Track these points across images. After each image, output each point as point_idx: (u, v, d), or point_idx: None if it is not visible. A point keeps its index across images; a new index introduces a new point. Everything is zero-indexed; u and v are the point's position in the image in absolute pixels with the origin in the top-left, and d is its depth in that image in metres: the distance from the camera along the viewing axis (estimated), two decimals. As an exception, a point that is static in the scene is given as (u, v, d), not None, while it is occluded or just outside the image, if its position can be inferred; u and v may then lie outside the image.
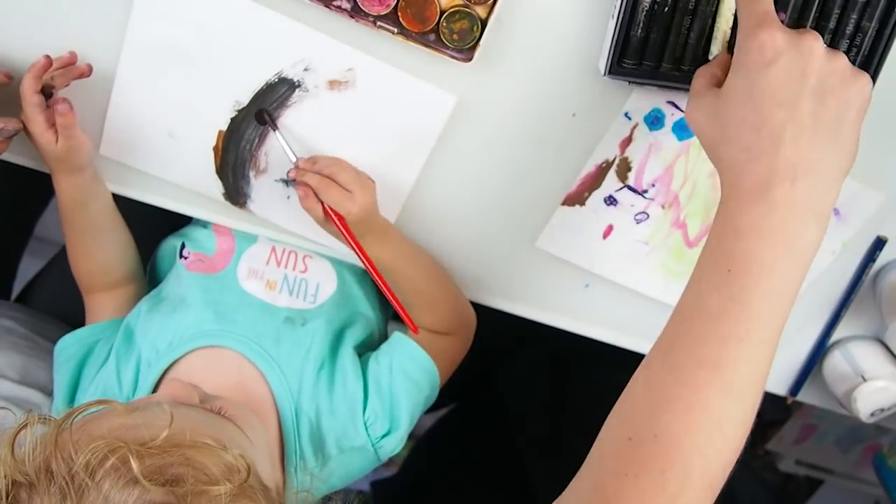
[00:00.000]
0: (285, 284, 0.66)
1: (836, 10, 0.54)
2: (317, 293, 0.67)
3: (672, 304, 0.72)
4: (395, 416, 0.61)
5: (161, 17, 0.59)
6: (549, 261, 0.71)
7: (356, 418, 0.60)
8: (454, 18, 0.56)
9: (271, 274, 0.66)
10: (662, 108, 0.61)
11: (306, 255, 0.70)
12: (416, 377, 0.63)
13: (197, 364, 0.59)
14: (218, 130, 0.65)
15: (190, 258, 0.68)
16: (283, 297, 0.65)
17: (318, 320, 0.64)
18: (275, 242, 0.69)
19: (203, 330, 0.61)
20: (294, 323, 0.63)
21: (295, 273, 0.67)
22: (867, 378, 0.70)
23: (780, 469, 1.51)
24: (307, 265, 0.68)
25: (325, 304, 0.67)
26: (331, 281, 0.69)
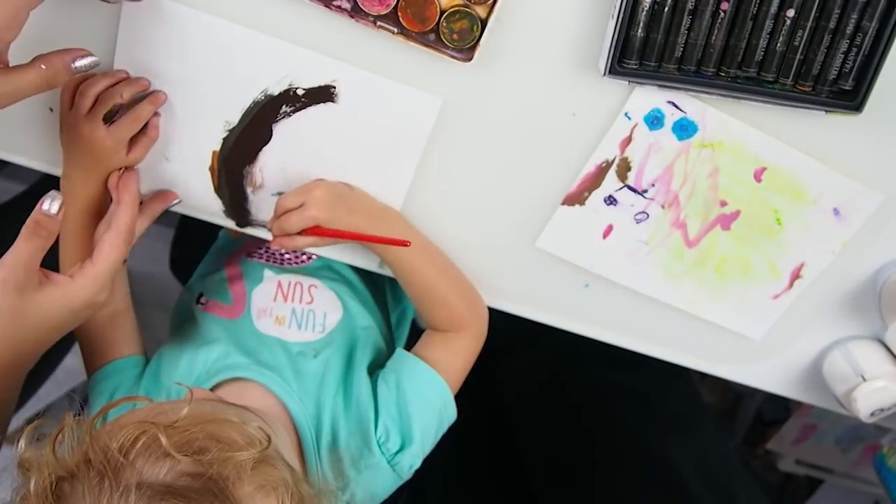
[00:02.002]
0: (293, 318, 0.68)
1: (836, 10, 0.54)
2: (324, 322, 0.69)
3: (672, 304, 0.73)
4: (406, 432, 0.63)
5: (145, 44, 0.60)
6: (549, 261, 0.71)
7: (369, 437, 0.62)
8: (454, 18, 0.56)
9: (279, 310, 0.69)
10: (662, 108, 0.61)
11: (311, 284, 0.72)
12: (423, 391, 0.65)
13: (224, 395, 0.61)
14: (212, 151, 0.66)
15: (208, 305, 0.71)
16: (294, 332, 0.68)
17: (328, 350, 0.67)
18: (280, 276, 0.71)
19: (229, 363, 0.64)
20: (306, 356, 0.66)
21: (302, 305, 0.69)
22: (867, 378, 0.70)
23: (780, 469, 1.51)
24: (312, 296, 0.71)
25: (333, 331, 0.69)
26: (336, 309, 0.71)
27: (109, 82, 0.60)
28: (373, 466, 0.62)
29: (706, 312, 0.73)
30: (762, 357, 0.77)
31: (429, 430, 0.64)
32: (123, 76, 0.61)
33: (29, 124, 0.66)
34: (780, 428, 1.41)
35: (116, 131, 0.60)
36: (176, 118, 0.64)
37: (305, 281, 0.72)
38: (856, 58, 0.56)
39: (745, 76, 0.58)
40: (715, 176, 0.65)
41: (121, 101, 0.60)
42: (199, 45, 0.60)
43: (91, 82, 0.59)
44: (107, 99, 0.59)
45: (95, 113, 0.59)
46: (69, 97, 0.60)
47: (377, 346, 0.71)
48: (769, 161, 0.63)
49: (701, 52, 0.57)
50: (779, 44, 0.56)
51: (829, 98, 0.58)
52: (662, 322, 0.74)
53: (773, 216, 0.66)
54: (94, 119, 0.59)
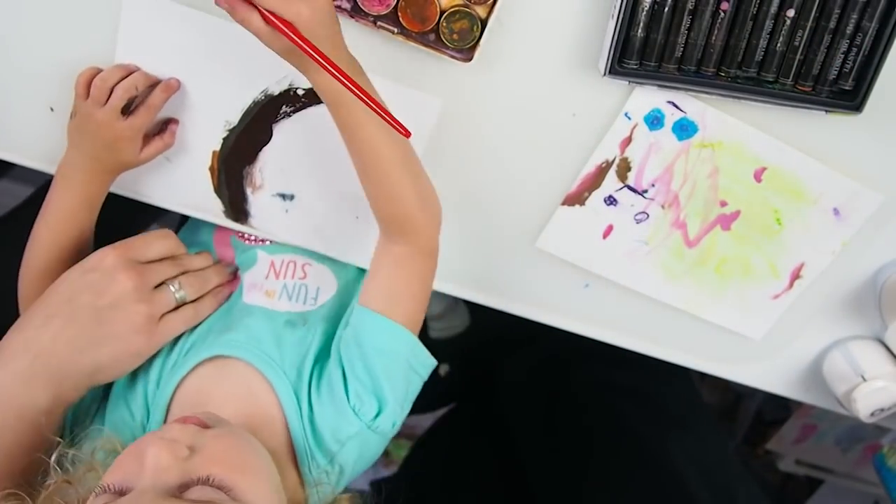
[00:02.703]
0: (284, 291, 0.65)
1: (836, 10, 0.54)
2: (317, 296, 0.66)
3: (672, 304, 0.73)
4: (379, 393, 0.58)
5: (146, 45, 0.60)
6: (549, 261, 0.71)
7: (343, 407, 0.58)
8: (454, 18, 0.56)
9: (270, 285, 0.66)
10: (662, 108, 0.61)
11: (305, 262, 0.69)
12: (387, 346, 0.59)
13: (204, 376, 0.59)
14: (212, 151, 0.66)
15: None
16: (283, 303, 0.65)
17: (317, 321, 0.64)
18: (273, 256, 0.68)
19: (209, 342, 0.60)
20: (295, 325, 0.63)
21: (294, 280, 0.66)
22: (867, 378, 0.70)
23: (780, 469, 1.51)
24: (306, 272, 0.68)
25: (325, 304, 0.66)
26: (331, 285, 0.68)
27: (123, 74, 0.59)
28: (355, 436, 0.58)
29: (706, 312, 0.73)
30: (762, 357, 0.77)
31: (401, 384, 0.59)
32: (135, 68, 0.61)
33: (29, 124, 0.66)
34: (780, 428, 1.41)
35: (133, 120, 0.60)
36: (175, 117, 0.64)
37: (300, 260, 0.69)
38: (856, 58, 0.56)
39: (745, 76, 0.58)
40: (715, 176, 0.65)
41: (135, 93, 0.59)
42: (199, 45, 0.60)
43: (106, 74, 0.59)
44: (121, 91, 0.59)
45: (113, 104, 0.58)
46: (84, 89, 0.59)
47: None
48: (769, 161, 0.63)
49: (701, 52, 0.57)
50: (779, 44, 0.56)
51: (829, 98, 0.58)
52: (662, 322, 0.74)
53: (773, 216, 0.66)
54: (112, 109, 0.59)
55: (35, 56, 0.62)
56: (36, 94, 0.64)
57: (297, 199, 0.68)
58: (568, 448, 0.91)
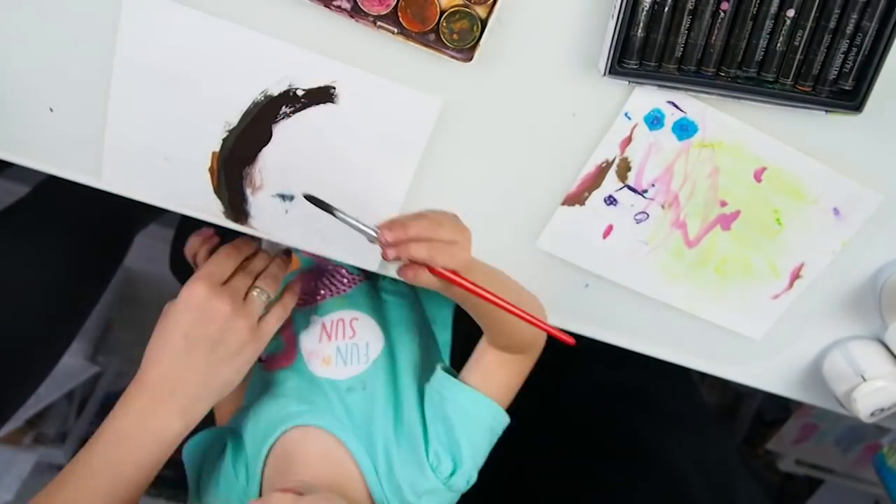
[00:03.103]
0: (338, 356, 0.71)
1: (836, 10, 0.54)
2: (368, 353, 0.71)
3: (672, 304, 0.73)
4: (456, 455, 0.65)
5: (145, 45, 0.60)
6: (549, 261, 0.71)
7: (422, 463, 0.64)
8: (454, 18, 0.56)
9: (325, 350, 0.72)
10: (662, 108, 0.61)
11: (353, 317, 0.74)
12: (473, 416, 0.66)
13: (289, 445, 0.66)
14: (211, 152, 0.66)
15: (267, 361, 0.75)
16: (341, 369, 0.70)
17: (374, 381, 0.69)
18: (323, 318, 0.75)
19: (289, 412, 0.68)
20: (355, 390, 0.69)
21: (345, 341, 0.72)
22: (867, 378, 0.70)
23: (780, 469, 1.51)
24: (354, 329, 0.73)
25: (377, 360, 0.71)
26: (378, 337, 0.73)
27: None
28: (431, 491, 0.65)
29: (706, 312, 0.73)
30: (762, 357, 0.77)
31: (480, 446, 0.66)
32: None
33: (29, 124, 0.66)
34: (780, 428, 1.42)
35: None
36: (175, 118, 0.64)
37: (347, 315, 0.74)
38: (856, 58, 0.56)
39: (745, 76, 0.58)
40: (715, 176, 0.65)
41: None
42: (199, 45, 0.60)
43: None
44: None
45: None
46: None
47: (422, 358, 0.72)
48: (769, 161, 0.63)
49: (701, 52, 0.57)
50: (779, 44, 0.56)
51: (829, 98, 0.58)
52: (662, 322, 0.74)
53: (773, 216, 0.66)
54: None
55: (34, 56, 0.62)
56: (35, 94, 0.64)
57: (296, 200, 0.68)
58: (567, 448, 0.91)
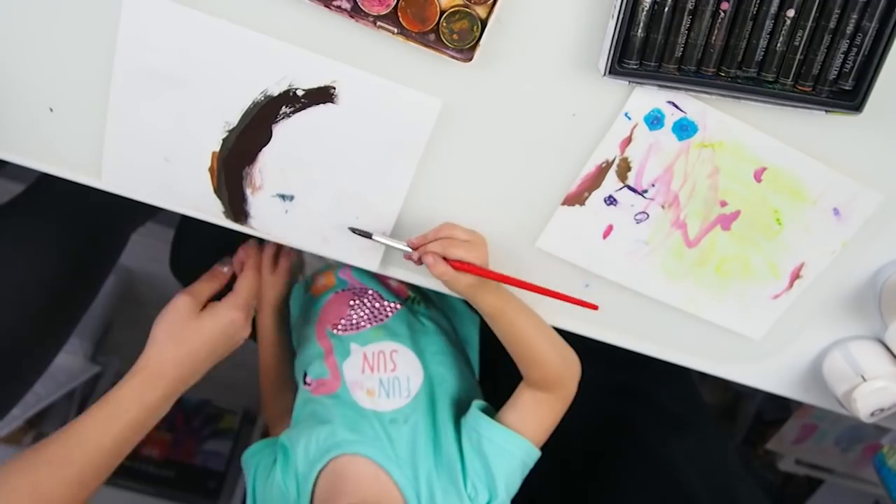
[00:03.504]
0: (382, 389, 0.75)
1: (836, 10, 0.54)
2: (409, 386, 0.76)
3: (672, 304, 0.73)
4: (492, 487, 0.69)
5: (145, 46, 0.60)
6: (549, 261, 0.71)
7: (461, 494, 0.69)
8: (454, 18, 0.56)
9: (369, 382, 0.76)
10: (662, 108, 0.61)
11: (393, 350, 0.78)
12: (505, 450, 0.70)
13: (339, 469, 0.70)
14: (211, 152, 0.66)
15: (313, 385, 0.79)
16: (384, 401, 0.74)
17: (415, 414, 0.73)
18: (364, 348, 0.79)
19: (337, 440, 0.71)
20: (398, 423, 0.73)
21: (387, 374, 0.76)
22: (867, 378, 0.70)
23: (780, 469, 1.51)
24: (395, 362, 0.77)
25: (418, 394, 0.75)
26: (417, 371, 0.77)
27: None
28: None
29: (706, 312, 0.73)
30: (762, 357, 0.77)
31: (514, 479, 0.71)
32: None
33: (29, 124, 0.66)
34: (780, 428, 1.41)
35: None
36: (175, 118, 0.64)
37: (387, 347, 0.78)
38: (856, 58, 0.56)
39: (745, 76, 0.58)
40: (715, 176, 0.65)
41: None
42: (199, 45, 0.60)
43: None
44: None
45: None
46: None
47: (457, 391, 0.77)
48: (769, 161, 0.63)
49: (701, 52, 0.57)
50: (779, 44, 0.56)
51: (829, 98, 0.58)
52: (662, 322, 0.74)
53: (773, 216, 0.66)
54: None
55: (34, 56, 0.62)
56: (35, 94, 0.64)
57: (296, 200, 0.68)
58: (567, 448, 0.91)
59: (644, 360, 0.78)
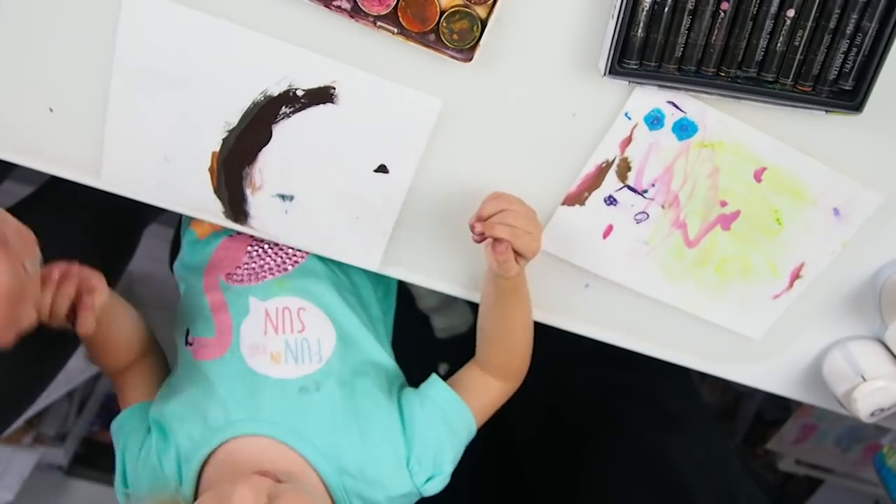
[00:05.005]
0: (288, 352, 0.66)
1: (836, 10, 0.54)
2: (320, 350, 0.67)
3: (672, 304, 0.73)
4: (438, 463, 0.65)
5: (145, 46, 0.60)
6: (549, 261, 0.71)
7: (401, 469, 0.63)
8: (454, 18, 0.56)
9: (273, 345, 0.66)
10: (662, 108, 0.61)
11: (300, 307, 0.68)
12: (456, 424, 0.67)
13: (234, 452, 0.62)
14: (211, 152, 0.66)
15: (195, 345, 0.68)
16: (291, 368, 0.65)
17: (329, 381, 0.65)
18: (265, 303, 0.68)
19: (231, 419, 0.62)
20: (308, 391, 0.64)
21: (294, 335, 0.67)
22: (867, 378, 0.70)
23: (780, 469, 1.51)
24: (303, 322, 0.68)
25: (330, 358, 0.67)
26: (329, 332, 0.68)
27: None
28: (404, 495, 0.64)
29: (706, 312, 0.73)
30: (762, 357, 0.77)
31: (457, 458, 0.67)
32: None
33: (29, 124, 0.66)
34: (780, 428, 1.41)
35: None
36: (175, 118, 0.64)
37: (293, 304, 0.69)
38: (856, 58, 0.56)
39: (745, 76, 0.58)
40: (715, 176, 0.65)
41: None
42: (198, 45, 0.60)
43: None
44: None
45: None
46: None
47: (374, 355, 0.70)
48: (769, 161, 0.63)
49: (701, 53, 0.57)
50: (779, 44, 0.56)
51: (829, 98, 0.58)
52: (662, 322, 0.74)
53: (773, 216, 0.66)
54: None
55: (34, 56, 0.62)
56: (35, 94, 0.64)
57: (296, 200, 0.68)
58: (567, 448, 0.91)
59: (644, 360, 0.78)
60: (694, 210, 0.67)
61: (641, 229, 0.68)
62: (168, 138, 0.65)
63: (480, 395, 0.70)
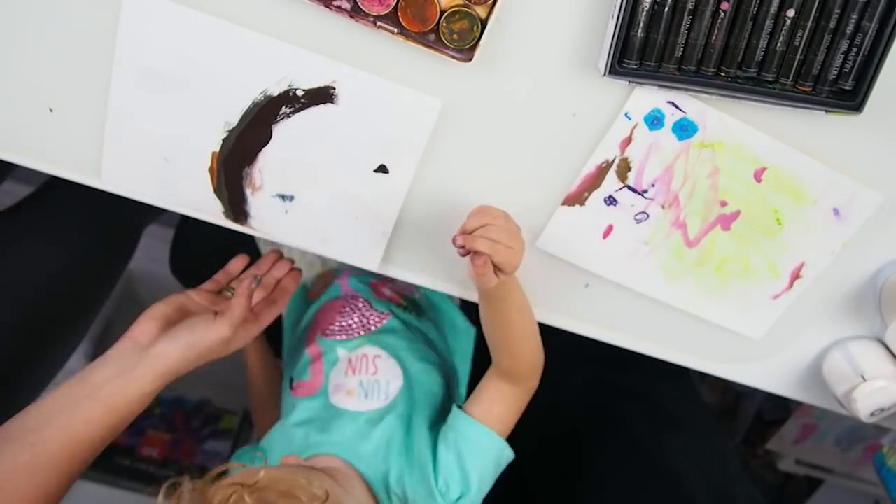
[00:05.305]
0: (361, 390, 0.78)
1: (836, 10, 0.54)
2: (388, 390, 0.78)
3: (672, 304, 0.73)
4: (465, 484, 0.71)
5: (145, 46, 0.60)
6: (549, 261, 0.71)
7: (431, 490, 0.71)
8: (454, 18, 0.56)
9: (350, 384, 0.78)
10: (662, 108, 0.61)
11: (375, 355, 0.80)
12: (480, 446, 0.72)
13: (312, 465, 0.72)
14: (211, 152, 0.66)
15: (295, 389, 0.82)
16: (361, 402, 0.77)
17: (390, 416, 0.75)
18: (350, 354, 0.81)
19: (311, 442, 0.75)
20: (373, 423, 0.75)
21: (368, 377, 0.79)
22: (867, 378, 0.70)
23: (780, 469, 1.51)
24: (377, 366, 0.80)
25: (396, 398, 0.77)
26: (397, 376, 0.79)
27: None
28: None
29: (706, 312, 0.73)
30: (762, 357, 0.77)
31: (487, 474, 0.73)
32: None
33: (29, 124, 0.66)
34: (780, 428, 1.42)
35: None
36: (175, 118, 0.64)
37: (371, 352, 0.81)
38: (856, 58, 0.56)
39: (745, 76, 0.58)
40: (715, 176, 0.65)
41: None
42: (199, 45, 0.60)
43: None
44: None
45: None
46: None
47: (435, 398, 0.80)
48: (769, 161, 0.63)
49: (701, 53, 0.57)
50: (779, 44, 0.56)
51: (829, 98, 0.58)
52: (662, 322, 0.74)
53: (773, 216, 0.66)
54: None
55: (34, 56, 0.62)
56: (35, 94, 0.64)
57: (296, 200, 0.68)
58: (567, 448, 0.91)
59: (644, 360, 0.78)
60: (694, 210, 0.67)
61: (641, 229, 0.68)
62: (168, 138, 0.65)
63: (497, 402, 0.74)
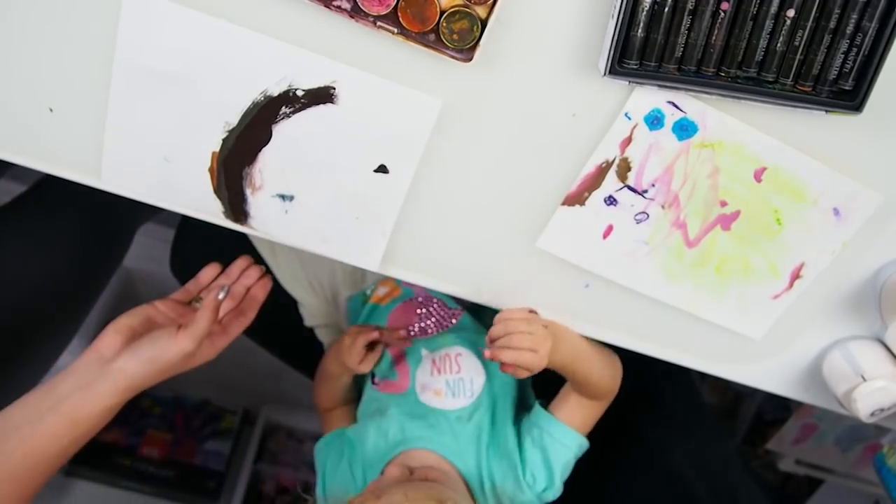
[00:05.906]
0: (448, 389, 0.84)
1: (836, 10, 0.54)
2: (472, 387, 0.84)
3: (672, 304, 0.73)
4: (550, 476, 0.78)
5: (145, 46, 0.60)
6: (549, 261, 0.71)
7: (519, 481, 0.78)
8: (454, 18, 0.56)
9: (436, 384, 0.84)
10: (662, 108, 0.61)
11: (457, 353, 0.86)
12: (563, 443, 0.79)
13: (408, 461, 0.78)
14: (211, 152, 0.66)
15: (381, 385, 0.87)
16: (450, 401, 0.83)
17: (478, 412, 0.82)
18: (433, 354, 0.87)
19: (408, 436, 0.80)
20: (463, 420, 0.81)
21: (452, 376, 0.85)
22: (867, 378, 0.70)
23: (780, 469, 1.51)
24: (460, 365, 0.86)
25: (480, 394, 0.83)
26: (480, 373, 0.85)
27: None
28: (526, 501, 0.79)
29: (706, 312, 0.73)
30: (762, 357, 0.77)
31: (568, 468, 0.80)
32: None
33: (29, 124, 0.66)
34: (780, 428, 1.41)
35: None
36: (175, 119, 0.64)
37: (452, 351, 0.87)
38: (856, 58, 0.56)
39: (745, 76, 0.58)
40: (715, 176, 0.65)
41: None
42: (198, 45, 0.60)
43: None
44: None
45: None
46: None
47: (512, 388, 0.86)
48: (769, 161, 0.63)
49: (701, 53, 0.57)
50: (779, 44, 0.56)
51: (829, 98, 0.58)
52: (662, 322, 0.74)
53: (773, 216, 0.66)
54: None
55: (34, 56, 0.62)
56: (35, 94, 0.64)
57: (296, 200, 0.68)
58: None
59: (644, 361, 0.78)
60: (694, 210, 0.67)
61: (641, 229, 0.68)
62: (168, 138, 0.65)
63: (578, 410, 0.80)
